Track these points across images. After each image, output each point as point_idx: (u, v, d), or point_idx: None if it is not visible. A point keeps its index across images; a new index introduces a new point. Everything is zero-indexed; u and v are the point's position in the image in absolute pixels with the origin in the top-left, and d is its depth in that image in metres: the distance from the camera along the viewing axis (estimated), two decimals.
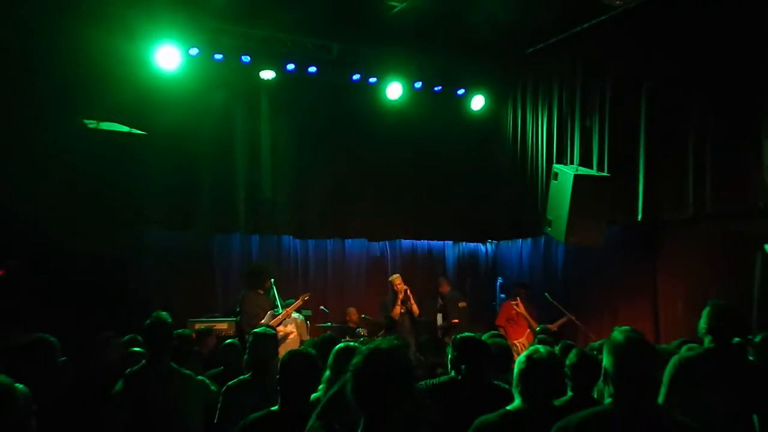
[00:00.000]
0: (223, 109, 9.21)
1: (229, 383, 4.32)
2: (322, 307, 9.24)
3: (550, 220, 8.32)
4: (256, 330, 4.63)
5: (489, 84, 10.68)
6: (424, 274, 10.84)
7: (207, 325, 7.77)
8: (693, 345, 4.29)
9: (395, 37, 8.92)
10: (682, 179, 7.56)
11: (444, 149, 10.39)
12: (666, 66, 7.88)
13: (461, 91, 10.64)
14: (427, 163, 10.40)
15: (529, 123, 10.18)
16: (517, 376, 3.02)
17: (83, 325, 5.86)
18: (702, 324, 3.76)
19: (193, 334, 6.37)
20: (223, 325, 8.09)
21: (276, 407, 3.27)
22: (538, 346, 3.10)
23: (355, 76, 9.81)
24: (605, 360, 2.59)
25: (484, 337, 4.47)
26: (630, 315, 8.48)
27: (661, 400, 3.43)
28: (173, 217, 8.88)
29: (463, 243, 11.75)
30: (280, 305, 7.90)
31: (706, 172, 7.34)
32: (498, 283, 10.69)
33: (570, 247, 9.31)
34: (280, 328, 7.68)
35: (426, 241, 11.43)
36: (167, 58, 8.31)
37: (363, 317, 9.46)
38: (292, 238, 10.25)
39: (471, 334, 3.88)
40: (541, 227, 8.92)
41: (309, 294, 8.35)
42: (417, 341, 8.29)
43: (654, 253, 8.64)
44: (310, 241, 10.42)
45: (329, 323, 9.14)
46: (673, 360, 3.64)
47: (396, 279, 9.31)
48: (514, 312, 9.29)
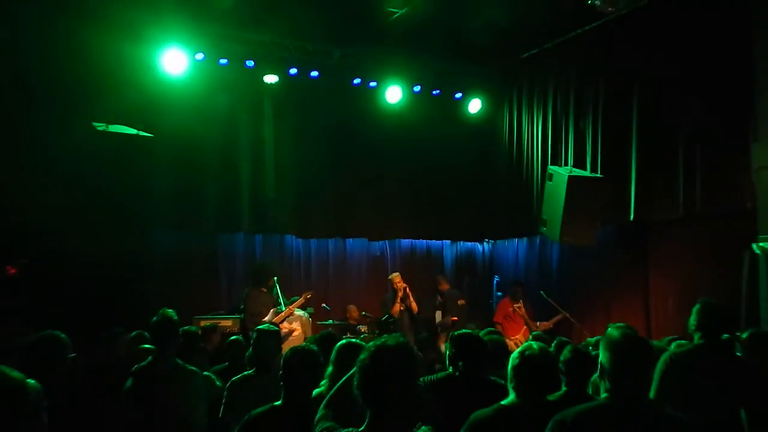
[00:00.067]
0: (227, 112, 9.22)
1: (234, 378, 4.33)
2: (324, 304, 9.25)
3: (545, 220, 8.32)
4: (259, 327, 4.63)
5: (486, 87, 10.70)
6: (423, 272, 10.83)
7: (212, 322, 7.77)
8: (682, 342, 4.30)
9: (395, 43, 8.95)
10: (673, 181, 7.59)
11: (442, 151, 10.39)
12: (657, 70, 7.90)
13: (459, 94, 10.66)
14: (425, 164, 10.41)
15: (525, 125, 10.20)
16: (510, 372, 3.03)
17: (92, 323, 5.86)
18: (692, 321, 3.77)
19: (198, 331, 6.37)
20: (228, 322, 8.10)
21: (279, 402, 3.28)
22: (532, 343, 3.11)
23: (356, 80, 9.83)
24: (601, 356, 2.59)
25: (481, 334, 4.48)
26: (622, 312, 8.49)
27: (652, 395, 3.44)
28: (179, 218, 8.88)
29: (461, 242, 11.75)
30: (282, 303, 7.91)
31: (697, 174, 7.37)
32: (495, 282, 10.71)
33: (564, 246, 9.32)
34: (285, 325, 7.69)
35: (425, 241, 11.43)
36: (174, 62, 8.33)
37: (363, 314, 9.48)
38: (294, 237, 10.26)
39: (468, 331, 3.90)
40: (537, 227, 8.91)
41: (311, 292, 8.36)
42: (416, 338, 8.29)
43: (646, 252, 8.67)
44: (312, 240, 10.43)
45: (331, 320, 9.15)
46: (663, 356, 3.65)
47: (395, 277, 9.32)
48: (511, 309, 9.29)
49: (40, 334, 3.39)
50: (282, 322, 7.68)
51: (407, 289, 9.14)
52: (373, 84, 9.94)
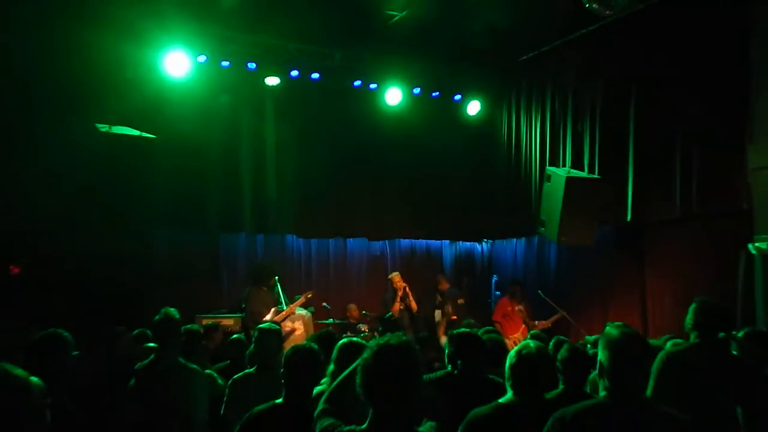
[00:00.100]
0: (229, 113, 9.22)
1: (235, 376, 4.33)
2: (325, 303, 9.25)
3: (543, 221, 8.33)
4: (261, 326, 4.63)
5: (485, 90, 10.70)
6: (423, 272, 10.84)
7: (214, 320, 7.76)
8: (678, 340, 4.30)
9: (395, 45, 8.95)
10: (669, 182, 7.58)
11: (441, 152, 10.39)
12: (654, 73, 7.90)
13: (458, 96, 10.66)
14: (425, 165, 10.40)
15: (523, 127, 10.19)
16: (508, 370, 3.03)
17: (95, 321, 5.86)
18: (688, 320, 3.77)
19: (200, 330, 6.37)
20: (230, 321, 8.09)
21: (280, 400, 3.28)
22: (529, 342, 3.10)
23: (357, 82, 9.83)
24: (600, 354, 2.59)
25: (480, 332, 4.48)
26: (619, 311, 8.49)
27: (648, 393, 3.43)
28: (181, 218, 8.89)
29: (460, 242, 11.75)
30: (284, 302, 7.91)
31: (693, 175, 7.37)
32: (493, 281, 10.70)
33: (562, 246, 9.31)
34: (287, 324, 7.68)
35: (424, 241, 11.44)
36: (176, 64, 8.33)
37: (363, 313, 9.48)
38: (295, 237, 10.26)
39: (467, 330, 3.89)
40: (535, 227, 8.91)
41: (312, 292, 8.36)
42: (415, 337, 8.29)
43: (642, 252, 8.66)
44: (313, 240, 10.43)
45: (331, 319, 9.14)
46: (660, 354, 3.65)
47: (395, 277, 9.32)
48: (509, 309, 9.29)
49: (44, 332, 3.38)
50: (283, 321, 7.68)
51: (407, 289, 9.14)
52: (373, 86, 9.93)
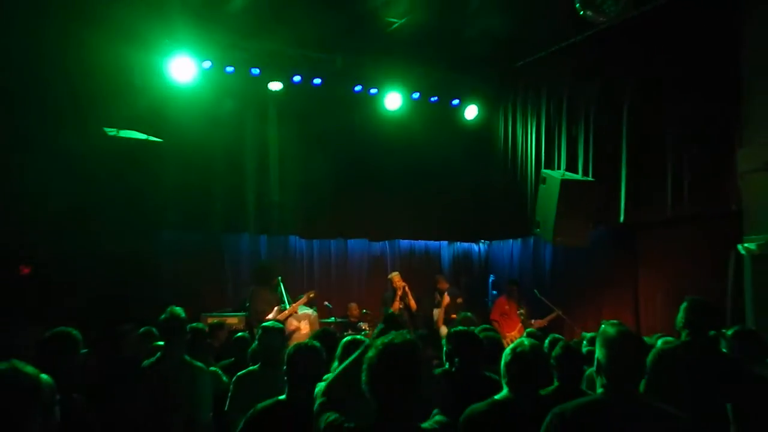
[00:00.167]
0: (233, 118, 9.23)
1: (239, 373, 4.33)
2: (326, 302, 9.25)
3: (539, 222, 8.32)
4: (264, 324, 4.63)
5: (482, 95, 10.70)
6: (422, 272, 10.84)
7: (219, 319, 7.76)
8: (669, 338, 4.30)
9: (395, 52, 8.96)
10: (661, 184, 7.58)
11: (440, 156, 10.38)
12: (647, 78, 7.91)
13: (456, 101, 10.66)
14: (424, 168, 10.39)
15: (519, 131, 10.19)
16: (503, 367, 3.03)
17: (103, 320, 5.86)
18: (680, 318, 3.77)
19: (205, 328, 6.36)
20: (234, 320, 8.09)
21: (283, 396, 3.28)
22: (523, 339, 3.11)
23: (357, 87, 9.84)
24: (598, 352, 2.59)
25: (477, 330, 4.48)
26: (613, 310, 8.50)
27: (640, 389, 3.44)
28: (187, 219, 8.89)
29: (458, 243, 11.76)
30: (286, 301, 7.91)
31: (684, 177, 7.38)
32: (490, 281, 10.70)
33: (557, 246, 9.32)
34: (294, 323, 7.68)
35: (423, 241, 11.44)
36: (182, 70, 8.35)
37: (364, 312, 9.48)
38: (298, 238, 10.27)
39: (464, 329, 3.89)
40: (531, 228, 8.92)
41: (314, 291, 8.35)
42: (415, 335, 8.28)
43: (635, 252, 8.68)
44: (315, 241, 10.44)
45: (333, 318, 9.15)
46: (652, 352, 3.65)
47: (395, 276, 9.31)
48: (507, 307, 9.29)
49: (53, 331, 3.38)
50: (286, 319, 7.68)
51: (406, 288, 9.13)
52: (373, 91, 9.94)
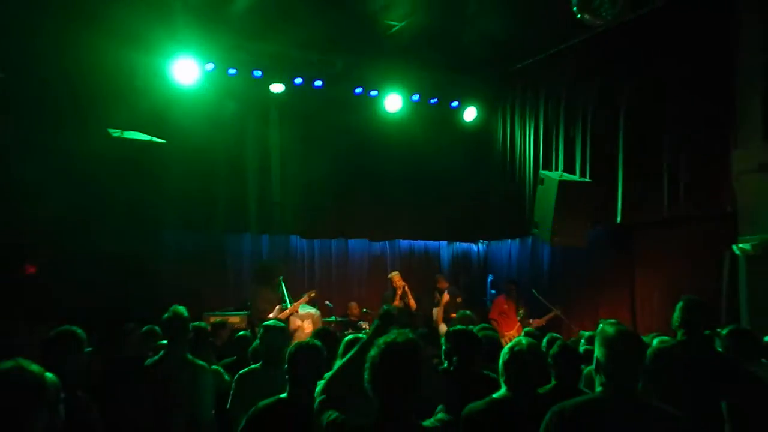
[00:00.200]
0: (236, 119, 9.24)
1: (241, 372, 4.33)
2: (327, 302, 9.26)
3: (537, 222, 8.33)
4: (266, 323, 4.63)
5: (481, 97, 10.70)
6: (421, 271, 10.85)
7: (221, 318, 7.77)
8: (665, 338, 4.31)
9: (394, 54, 8.96)
10: (658, 185, 7.59)
11: (439, 157, 10.38)
12: (643, 81, 7.91)
13: (455, 103, 10.66)
14: (423, 169, 10.40)
15: (518, 132, 10.20)
16: (501, 366, 3.03)
17: (107, 319, 5.87)
18: (675, 317, 3.77)
19: (207, 327, 6.37)
20: (236, 319, 8.10)
21: (284, 394, 3.28)
22: (521, 338, 3.11)
23: (358, 89, 9.84)
24: (597, 351, 2.58)
25: (476, 329, 4.48)
26: (610, 309, 8.50)
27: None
28: (190, 219, 8.91)
29: (457, 243, 11.77)
30: (287, 300, 7.92)
31: (680, 179, 7.38)
32: (489, 280, 10.72)
33: (555, 247, 9.31)
34: (297, 322, 7.69)
35: (423, 241, 11.45)
36: (185, 72, 8.36)
37: (364, 311, 9.49)
38: (299, 238, 10.28)
39: (463, 328, 3.89)
40: (529, 228, 8.93)
41: (315, 290, 8.36)
42: (415, 334, 8.27)
43: (632, 252, 8.69)
44: (315, 241, 10.46)
45: (333, 317, 9.15)
46: (648, 351, 3.65)
47: (395, 276, 9.33)
48: (505, 307, 9.30)
49: (58, 330, 3.39)
50: (288, 318, 7.69)
51: (406, 287, 9.14)
52: (374, 93, 9.94)
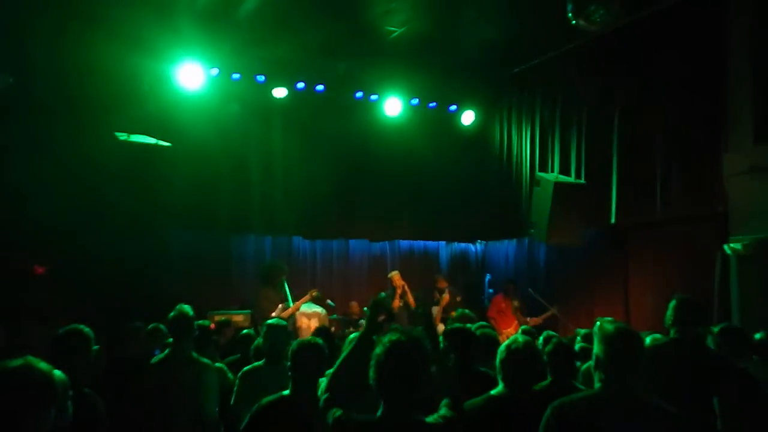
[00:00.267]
0: (239, 123, 9.23)
1: (245, 369, 4.34)
2: (329, 300, 9.24)
3: (534, 223, 8.33)
4: (269, 321, 4.64)
5: (478, 101, 10.70)
6: (420, 271, 10.85)
7: (225, 317, 7.76)
8: (657, 336, 4.31)
9: (394, 59, 8.95)
10: (651, 187, 7.58)
11: (438, 159, 10.37)
12: (637, 85, 7.91)
13: (453, 107, 10.66)
14: (422, 171, 10.40)
15: (515, 135, 10.19)
16: (499, 364, 3.04)
17: (114, 318, 5.87)
18: (668, 316, 3.78)
19: (210, 325, 6.37)
20: (239, 317, 8.07)
21: (287, 391, 3.29)
22: (517, 336, 3.11)
23: (358, 94, 9.85)
24: (596, 348, 2.58)
25: (474, 327, 4.48)
26: (604, 307, 8.49)
27: None
28: (195, 220, 8.91)
29: (456, 243, 11.77)
30: (290, 299, 7.92)
31: (673, 180, 7.38)
32: (486, 279, 10.72)
33: (551, 247, 9.33)
34: (304, 320, 7.69)
35: (422, 242, 11.45)
36: (191, 77, 8.38)
37: (365, 310, 9.46)
38: (301, 238, 10.29)
39: (460, 326, 3.90)
40: (526, 229, 8.93)
41: (316, 290, 8.35)
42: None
43: (626, 252, 8.68)
44: (317, 241, 10.46)
45: (334, 315, 9.15)
46: None
47: (395, 275, 9.30)
48: (503, 305, 9.29)
49: (66, 328, 3.39)
50: (290, 317, 7.69)
51: (405, 287, 9.13)
52: (374, 97, 9.96)
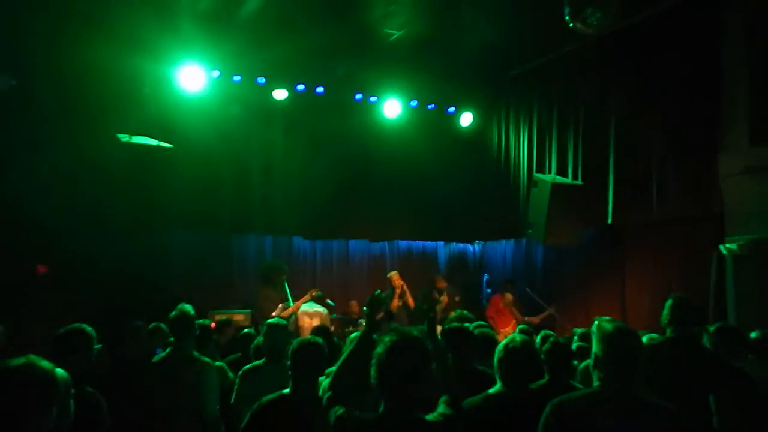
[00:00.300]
0: (240, 124, 9.21)
1: (245, 367, 4.34)
2: (329, 300, 9.23)
3: (531, 224, 8.33)
4: (269, 321, 4.64)
5: (477, 102, 10.70)
6: (419, 271, 10.84)
7: (227, 316, 7.75)
8: (654, 335, 4.31)
9: (393, 62, 8.95)
10: (647, 188, 7.58)
11: (436, 160, 10.34)
12: (633, 88, 7.91)
13: (452, 108, 10.65)
14: (421, 172, 10.36)
15: (512, 137, 10.19)
16: (496, 363, 3.04)
17: (116, 317, 5.86)
18: (664, 315, 3.79)
19: (211, 324, 6.36)
20: (240, 317, 8.06)
21: (287, 390, 3.29)
22: (515, 336, 3.12)
23: (358, 96, 9.85)
24: (595, 347, 2.58)
25: (471, 327, 4.48)
26: (601, 307, 8.47)
27: None
28: (196, 221, 8.88)
29: (454, 243, 11.77)
30: (290, 299, 7.91)
31: (669, 181, 7.38)
32: (484, 279, 10.72)
33: (549, 247, 9.33)
34: (306, 319, 7.68)
35: (421, 242, 11.45)
36: (192, 79, 8.39)
37: (364, 309, 9.45)
38: (301, 239, 10.29)
39: (457, 325, 3.90)
40: (523, 229, 8.92)
41: (316, 289, 8.34)
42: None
43: (622, 253, 8.68)
44: (318, 241, 10.46)
45: (334, 315, 9.13)
46: None
47: (394, 275, 9.30)
48: (502, 305, 9.30)
49: (68, 327, 3.39)
50: (291, 316, 7.68)
51: (404, 286, 9.13)
52: (373, 99, 9.95)
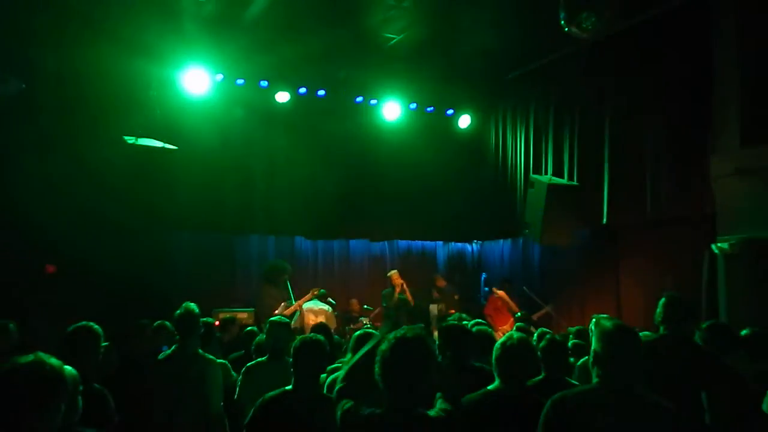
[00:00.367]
0: (243, 127, 9.24)
1: (249, 364, 4.35)
2: (330, 298, 9.25)
3: (528, 223, 8.34)
4: (272, 319, 4.65)
5: (474, 105, 10.72)
6: (418, 270, 10.85)
7: (230, 314, 7.76)
8: (647, 333, 4.32)
9: (393, 65, 8.96)
10: (641, 188, 7.59)
11: (435, 162, 10.37)
12: (627, 91, 7.91)
13: (450, 111, 10.68)
14: (420, 173, 10.38)
15: (509, 139, 10.20)
16: (494, 360, 3.05)
17: (123, 315, 5.87)
18: (658, 313, 3.79)
19: (215, 322, 6.37)
20: (244, 315, 8.07)
21: (290, 387, 3.29)
22: (512, 333, 3.12)
23: (358, 98, 9.87)
24: (594, 344, 2.58)
25: (470, 325, 4.49)
26: (596, 305, 8.47)
27: None
28: (200, 221, 8.90)
29: (452, 243, 11.78)
30: (292, 297, 7.93)
31: (662, 182, 7.38)
32: (482, 278, 10.72)
33: (545, 246, 9.34)
34: (311, 317, 7.70)
35: (420, 242, 11.46)
36: (196, 83, 8.40)
37: (365, 307, 9.50)
38: (303, 238, 10.30)
39: (455, 323, 3.90)
40: (520, 229, 8.94)
41: (318, 288, 8.35)
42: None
43: (617, 252, 8.68)
44: (319, 241, 10.47)
45: (336, 313, 9.14)
46: None
47: (394, 274, 9.32)
48: (499, 303, 9.31)
49: (76, 325, 3.39)
50: (294, 314, 7.70)
51: (404, 285, 9.14)
52: (373, 102, 9.97)
